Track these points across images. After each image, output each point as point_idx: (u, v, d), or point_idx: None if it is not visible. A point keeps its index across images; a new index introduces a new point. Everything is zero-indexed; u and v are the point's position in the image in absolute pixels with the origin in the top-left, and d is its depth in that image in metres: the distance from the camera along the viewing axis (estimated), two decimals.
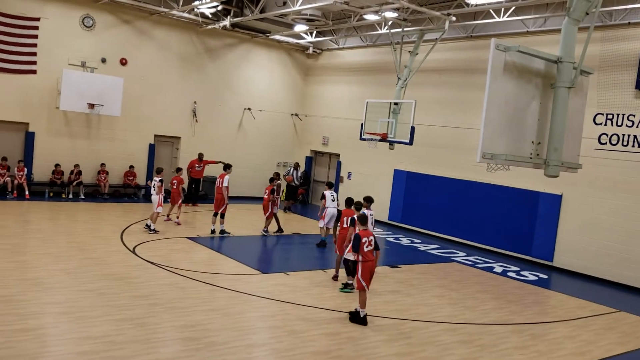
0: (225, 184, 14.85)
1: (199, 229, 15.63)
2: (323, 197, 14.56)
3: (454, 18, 15.95)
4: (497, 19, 15.86)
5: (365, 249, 8.94)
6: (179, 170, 16.74)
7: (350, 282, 10.87)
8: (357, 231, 9.30)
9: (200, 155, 19.77)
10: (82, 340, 7.17)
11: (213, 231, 15.06)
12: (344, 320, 9.13)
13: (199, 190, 20.23)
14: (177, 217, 15.88)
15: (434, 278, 12.83)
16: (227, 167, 15.53)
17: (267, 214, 15.58)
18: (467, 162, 17.34)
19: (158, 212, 14.31)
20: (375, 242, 9.20)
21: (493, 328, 9.58)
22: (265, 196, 15.51)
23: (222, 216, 14.98)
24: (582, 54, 7.12)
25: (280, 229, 16.27)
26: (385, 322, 9.24)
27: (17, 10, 17.48)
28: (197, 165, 19.52)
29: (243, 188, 21.77)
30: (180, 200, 15.96)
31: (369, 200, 12.07)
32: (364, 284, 8.92)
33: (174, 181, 15.95)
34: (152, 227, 14.15)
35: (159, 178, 14.51)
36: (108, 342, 7.20)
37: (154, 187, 14.43)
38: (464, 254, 16.05)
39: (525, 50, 6.51)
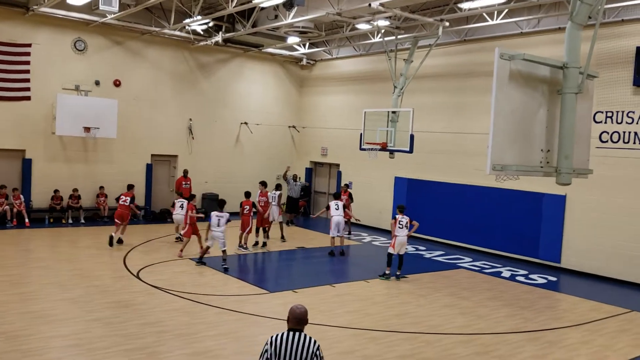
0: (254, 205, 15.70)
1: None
2: (328, 207, 15.65)
3: (447, 23, 15.89)
4: (490, 22, 15.81)
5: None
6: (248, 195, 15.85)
7: (387, 272, 12.75)
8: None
9: (185, 171, 19.53)
10: None
11: (256, 243, 15.96)
12: (356, 337, 8.98)
13: None
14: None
15: (442, 287, 12.69)
16: (247, 194, 15.79)
17: (247, 230, 15.37)
18: (468, 166, 17.26)
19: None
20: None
21: (508, 337, 9.43)
22: (246, 212, 15.18)
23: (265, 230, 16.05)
24: (588, 58, 7.03)
25: (282, 237, 17.13)
26: (398, 337, 9.08)
27: (8, 37, 17.36)
28: (184, 182, 19.25)
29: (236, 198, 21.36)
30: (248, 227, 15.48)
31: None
32: None
33: (246, 206, 15.33)
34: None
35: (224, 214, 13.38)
36: None
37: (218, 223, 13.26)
38: (470, 260, 15.92)
39: (530, 58, 6.40)
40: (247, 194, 15.68)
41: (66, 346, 7.96)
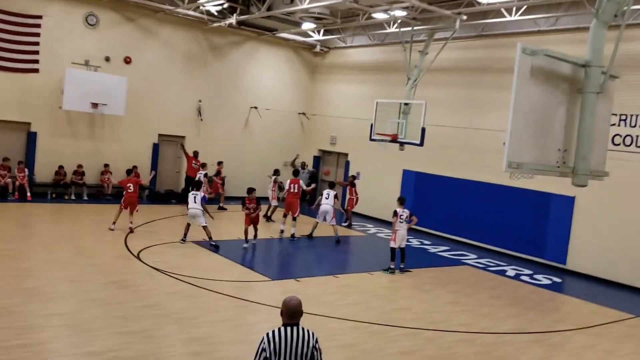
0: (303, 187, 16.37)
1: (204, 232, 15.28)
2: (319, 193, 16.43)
3: (464, 17, 15.58)
4: (508, 18, 15.49)
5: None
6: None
7: (392, 266, 12.69)
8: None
9: (196, 153, 19.42)
10: (86, 357, 6.86)
11: (282, 231, 15.78)
12: (357, 330, 8.83)
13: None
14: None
15: (446, 282, 12.51)
16: (295, 173, 16.95)
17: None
18: (478, 162, 17.02)
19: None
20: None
21: (511, 337, 9.26)
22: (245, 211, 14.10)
23: (294, 219, 15.82)
24: (612, 58, 6.78)
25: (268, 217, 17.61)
26: (399, 332, 8.92)
27: (19, 8, 17.15)
28: (193, 163, 19.13)
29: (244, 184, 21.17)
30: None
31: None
32: None
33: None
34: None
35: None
36: (113, 357, 6.90)
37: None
38: (475, 257, 15.72)
39: (552, 54, 6.16)
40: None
41: (61, 325, 7.83)
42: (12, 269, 10.19)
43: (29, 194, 17.15)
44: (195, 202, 13.47)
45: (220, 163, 19.74)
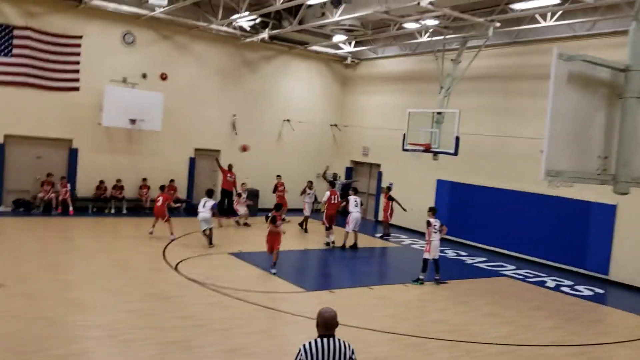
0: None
1: (240, 243, 15.45)
2: (347, 201, 15.86)
3: (497, 24, 15.43)
4: (543, 24, 15.26)
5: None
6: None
7: (421, 277, 12.48)
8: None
9: (230, 166, 19.63)
10: None
11: (332, 243, 15.98)
12: (393, 342, 8.75)
13: (232, 202, 19.80)
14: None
15: (484, 294, 12.30)
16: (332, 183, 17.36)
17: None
18: (514, 171, 16.74)
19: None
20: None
21: (552, 350, 9.03)
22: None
23: (329, 228, 16.02)
24: None
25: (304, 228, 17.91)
26: (436, 345, 8.81)
27: (60, 29, 17.78)
28: (228, 176, 19.34)
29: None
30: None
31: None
32: None
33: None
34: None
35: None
36: None
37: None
38: (514, 267, 15.42)
39: (590, 59, 6.05)
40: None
41: (103, 336, 8.01)
42: (55, 280, 10.49)
43: (71, 208, 17.66)
44: (204, 206, 14.24)
45: (243, 184, 19.47)
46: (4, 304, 8.85)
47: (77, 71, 18.12)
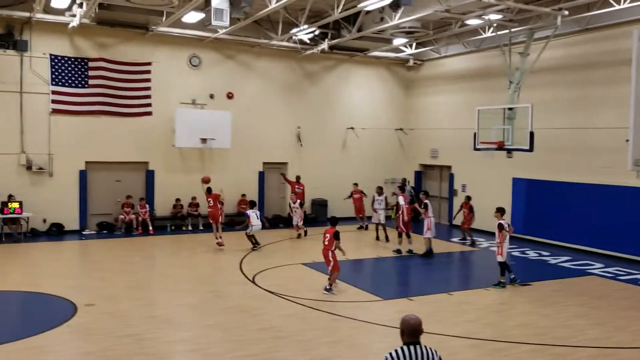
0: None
1: (312, 254, 15.46)
2: (426, 207, 15.44)
3: (566, 12, 14.74)
4: (616, 7, 14.44)
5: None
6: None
7: (502, 280, 12.04)
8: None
9: (298, 177, 19.84)
10: None
11: (398, 251, 15.79)
12: (478, 348, 8.44)
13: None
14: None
15: (571, 295, 11.68)
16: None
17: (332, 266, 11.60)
18: (596, 164, 15.89)
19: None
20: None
21: None
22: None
23: (409, 236, 15.86)
24: None
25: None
26: (523, 349, 8.40)
27: (131, 57, 18.65)
28: (297, 187, 19.50)
29: (350, 208, 21.11)
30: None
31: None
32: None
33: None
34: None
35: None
36: None
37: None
38: (602, 266, 14.57)
39: None
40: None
41: (187, 350, 8.21)
42: (140, 298, 10.87)
43: (151, 227, 18.38)
44: (258, 218, 15.70)
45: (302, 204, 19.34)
46: (95, 322, 9.25)
47: (149, 96, 18.92)
